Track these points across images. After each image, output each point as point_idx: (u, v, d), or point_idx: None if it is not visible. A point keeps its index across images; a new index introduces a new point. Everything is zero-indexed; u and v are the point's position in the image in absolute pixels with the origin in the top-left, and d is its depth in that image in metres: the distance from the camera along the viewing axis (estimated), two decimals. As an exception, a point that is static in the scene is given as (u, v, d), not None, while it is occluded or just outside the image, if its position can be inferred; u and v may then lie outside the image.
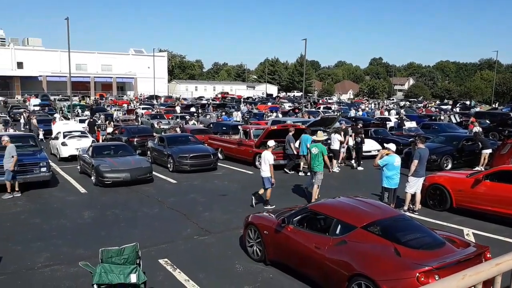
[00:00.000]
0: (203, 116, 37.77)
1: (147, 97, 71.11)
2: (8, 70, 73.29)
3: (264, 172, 11.39)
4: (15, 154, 12.42)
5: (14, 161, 12.33)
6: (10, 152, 12.38)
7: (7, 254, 8.13)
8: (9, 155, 12.34)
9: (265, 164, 11.29)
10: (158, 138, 18.93)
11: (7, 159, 12.31)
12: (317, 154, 11.78)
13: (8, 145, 12.50)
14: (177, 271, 7.31)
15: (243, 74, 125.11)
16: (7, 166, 12.28)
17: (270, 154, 11.39)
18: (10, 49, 77.21)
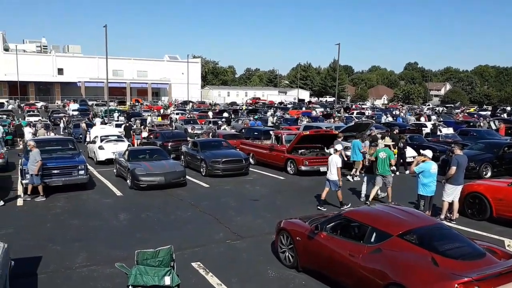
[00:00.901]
0: (235, 121, 38.03)
1: (181, 102, 72.36)
2: (49, 76, 76.48)
3: (332, 175, 11.76)
4: (40, 158, 12.85)
5: (38, 165, 12.72)
6: (35, 156, 12.82)
7: (48, 253, 8.43)
8: (34, 159, 12.78)
9: (333, 167, 11.67)
10: (192, 142, 19.21)
11: (32, 163, 12.74)
12: (385, 159, 12.17)
13: (34, 150, 12.96)
14: (209, 275, 7.37)
15: (275, 79, 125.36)
16: (32, 170, 12.70)
17: (338, 158, 11.81)
18: (51, 56, 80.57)
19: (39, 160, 12.80)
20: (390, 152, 12.55)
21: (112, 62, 65.09)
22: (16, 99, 66.12)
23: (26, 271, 7.50)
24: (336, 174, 11.62)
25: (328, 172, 11.95)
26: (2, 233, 9.64)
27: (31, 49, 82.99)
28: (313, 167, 16.54)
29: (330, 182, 11.84)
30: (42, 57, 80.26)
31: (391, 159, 12.38)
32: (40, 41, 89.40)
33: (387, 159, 12.21)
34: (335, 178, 11.67)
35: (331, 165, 11.78)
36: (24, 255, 8.19)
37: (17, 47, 74.84)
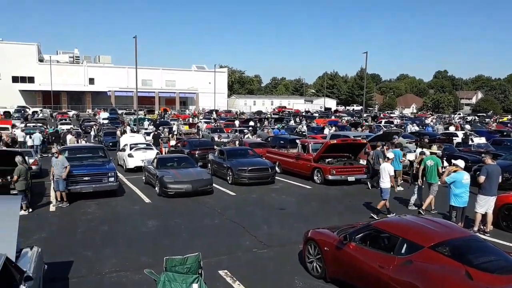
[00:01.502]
0: (261, 130, 38.10)
1: (208, 111, 73.12)
2: (81, 86, 78.82)
3: (384, 183, 11.90)
4: (68, 164, 13.22)
5: (66, 171, 13.06)
6: (63, 162, 13.18)
7: (79, 258, 8.62)
8: (62, 166, 13.12)
9: (385, 175, 11.84)
10: (218, 151, 19.35)
11: (60, 169, 13.07)
12: (433, 166, 12.40)
13: (60, 157, 13.32)
14: (236, 283, 7.36)
15: (301, 88, 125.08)
16: (59, 175, 13.00)
17: (390, 166, 12.05)
18: (83, 67, 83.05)
19: (67, 166, 13.13)
20: (437, 160, 12.66)
21: (141, 72, 66.48)
22: (49, 108, 68.36)
23: (58, 275, 7.67)
24: (388, 182, 11.82)
25: (380, 179, 12.12)
26: (35, 238, 9.93)
27: (64, 60, 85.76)
28: (341, 177, 16.35)
29: (382, 190, 12.01)
30: (74, 67, 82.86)
31: (438, 167, 12.45)
32: (73, 52, 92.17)
33: (434, 167, 12.38)
34: (387, 186, 11.85)
35: (383, 173, 11.97)
36: (57, 259, 8.39)
37: (51, 58, 77.53)
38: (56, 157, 13.33)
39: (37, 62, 77.49)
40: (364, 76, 64.03)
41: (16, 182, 12.14)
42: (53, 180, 13.20)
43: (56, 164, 13.14)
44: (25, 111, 59.60)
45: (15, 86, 73.83)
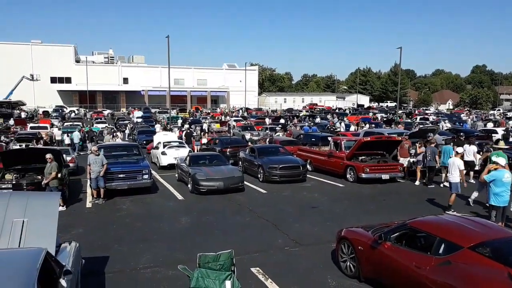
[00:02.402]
0: (289, 127, 37.91)
1: (239, 109, 73.50)
2: (115, 86, 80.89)
3: (453, 178, 12.07)
4: (106, 162, 13.56)
5: (104, 168, 13.40)
6: (102, 160, 13.52)
7: (114, 254, 8.83)
8: (101, 163, 13.45)
9: (455, 170, 11.98)
10: (249, 148, 19.38)
11: (99, 167, 13.40)
12: None
13: (99, 155, 13.65)
14: (269, 281, 7.33)
15: (332, 84, 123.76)
16: (96, 173, 13.34)
17: (460, 160, 12.18)
18: (117, 67, 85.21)
19: (105, 163, 13.48)
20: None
21: (173, 71, 67.60)
22: (85, 107, 70.54)
23: (94, 269, 7.89)
24: (457, 176, 11.94)
25: (449, 174, 12.26)
26: (73, 233, 10.24)
27: (99, 60, 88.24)
28: (375, 175, 16.04)
29: (451, 184, 12.14)
30: (109, 68, 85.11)
31: None
32: (108, 52, 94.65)
33: None
34: (457, 180, 11.98)
35: (452, 167, 12.06)
36: (93, 254, 8.63)
37: (87, 59, 79.97)
38: (96, 155, 13.69)
39: (74, 63, 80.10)
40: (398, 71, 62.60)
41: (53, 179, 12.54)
42: (90, 177, 13.57)
43: (95, 162, 13.49)
44: (63, 111, 61.73)
45: (53, 86, 76.68)
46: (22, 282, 4.03)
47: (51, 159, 12.67)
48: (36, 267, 4.33)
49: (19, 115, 53.75)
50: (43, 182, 12.53)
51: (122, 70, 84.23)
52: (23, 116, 52.89)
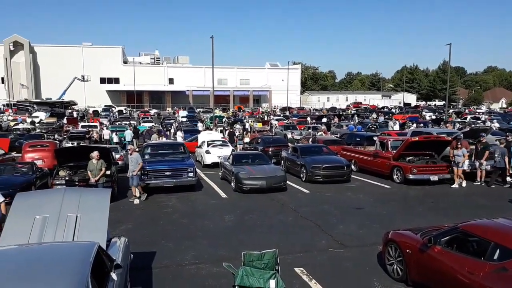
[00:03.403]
0: (336, 126, 37.43)
1: (280, 108, 73.41)
2: (161, 86, 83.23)
3: None
4: (141, 161, 13.82)
5: (139, 167, 13.65)
6: (137, 159, 13.80)
7: (161, 249, 9.06)
8: (136, 162, 13.74)
9: None
10: (292, 148, 19.30)
11: (134, 165, 13.70)
12: None
13: (134, 154, 13.97)
14: (313, 282, 7.26)
15: (378, 83, 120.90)
16: (131, 171, 13.65)
17: None
18: (163, 67, 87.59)
19: (141, 163, 13.77)
20: None
21: (217, 71, 68.56)
22: (133, 107, 72.97)
23: (142, 264, 8.12)
24: None
25: None
26: (122, 228, 10.61)
27: (146, 61, 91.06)
28: (423, 176, 15.50)
29: None
30: (155, 68, 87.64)
31: None
32: (154, 53, 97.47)
33: None
34: None
35: None
36: (141, 249, 8.88)
37: (134, 60, 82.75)
38: (130, 154, 14.06)
39: (122, 64, 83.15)
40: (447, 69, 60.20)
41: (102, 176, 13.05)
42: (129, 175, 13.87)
43: (131, 161, 13.85)
44: (112, 110, 64.16)
45: (102, 86, 80.00)
46: (77, 274, 4.20)
47: (98, 157, 13.18)
48: (89, 260, 4.50)
49: (71, 114, 56.38)
50: (93, 180, 12.99)
51: (167, 71, 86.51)
52: (75, 115, 55.45)
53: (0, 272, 4.28)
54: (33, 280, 4.08)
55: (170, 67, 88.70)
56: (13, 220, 6.24)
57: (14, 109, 59.49)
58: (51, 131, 34.34)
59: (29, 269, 4.34)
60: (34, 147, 20.17)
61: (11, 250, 5.22)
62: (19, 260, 4.72)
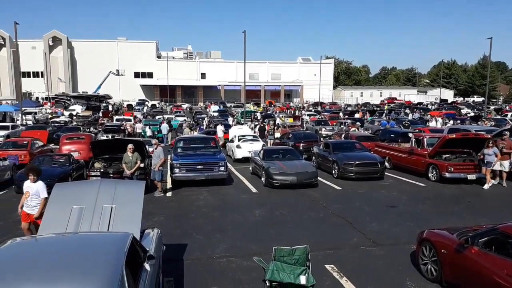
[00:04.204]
0: (369, 122, 36.81)
1: (312, 103, 72.86)
2: (194, 81, 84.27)
3: None
4: (163, 156, 13.88)
5: (161, 162, 13.70)
6: (159, 154, 13.88)
7: (192, 242, 9.19)
8: (158, 157, 13.82)
9: None
10: (324, 143, 19.11)
11: (156, 159, 13.76)
12: None
13: (158, 148, 14.08)
14: (343, 279, 7.17)
15: (413, 78, 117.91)
16: (153, 165, 13.75)
17: None
18: (196, 62, 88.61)
19: (162, 158, 13.89)
20: None
21: (248, 66, 68.73)
22: (165, 101, 74.24)
23: (174, 256, 8.25)
24: None
25: None
26: (155, 220, 10.82)
27: (178, 56, 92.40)
28: (460, 175, 15.01)
29: None
30: (188, 63, 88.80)
31: None
32: (187, 48, 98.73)
33: None
34: None
35: None
36: (173, 241, 9.03)
37: (168, 55, 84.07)
38: (155, 149, 14.19)
39: (156, 58, 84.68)
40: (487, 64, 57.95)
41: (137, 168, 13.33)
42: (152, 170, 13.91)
43: (154, 155, 13.94)
44: (146, 104, 65.48)
45: (136, 81, 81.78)
46: (112, 264, 4.30)
47: (132, 149, 13.44)
48: (124, 251, 4.60)
49: (106, 108, 57.93)
50: (128, 172, 13.26)
51: (200, 66, 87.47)
52: (110, 109, 56.94)
53: (39, 259, 4.44)
54: (70, 268, 4.20)
55: (203, 62, 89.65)
56: (52, 210, 6.47)
57: (52, 102, 61.76)
58: (86, 124, 35.46)
59: (66, 258, 4.49)
60: (71, 139, 20.89)
61: (49, 238, 5.42)
62: (57, 249, 4.89)
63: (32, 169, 8.81)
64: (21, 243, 5.13)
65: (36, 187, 8.51)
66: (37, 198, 8.51)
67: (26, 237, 6.91)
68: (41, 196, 8.47)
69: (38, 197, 8.50)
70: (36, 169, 8.88)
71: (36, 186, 8.52)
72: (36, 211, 8.48)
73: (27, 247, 5.05)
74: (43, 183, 8.66)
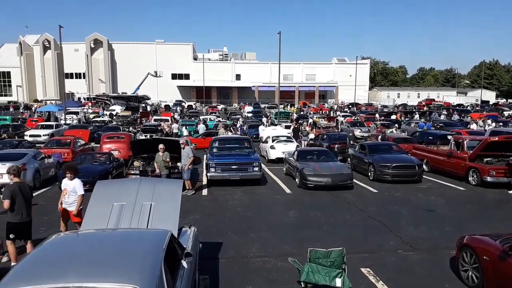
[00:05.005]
0: (406, 124, 35.96)
1: (347, 104, 71.90)
2: (229, 82, 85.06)
3: None
4: (192, 155, 14.02)
5: (190, 161, 13.86)
6: (188, 153, 14.04)
7: (227, 241, 9.29)
8: (187, 156, 13.98)
9: None
10: (359, 145, 18.84)
11: (186, 159, 13.93)
12: None
13: (186, 148, 14.21)
14: (380, 283, 7.05)
15: (453, 79, 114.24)
16: (182, 165, 13.91)
17: None
18: (231, 63, 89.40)
19: (191, 157, 14.06)
20: None
21: (283, 67, 68.68)
22: (201, 102, 75.30)
23: (210, 254, 8.38)
24: None
25: None
26: (190, 218, 11.01)
27: (214, 58, 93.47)
28: (502, 179, 14.43)
29: None
30: (223, 65, 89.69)
31: None
32: (222, 50, 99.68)
33: None
34: None
35: None
36: (208, 239, 9.16)
37: (204, 56, 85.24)
38: (183, 148, 14.35)
39: (192, 60, 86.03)
40: (533, 64, 55.23)
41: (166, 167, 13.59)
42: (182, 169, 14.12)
43: (183, 154, 14.15)
44: (182, 105, 66.64)
45: (173, 82, 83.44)
46: (151, 260, 4.41)
47: (163, 149, 13.71)
48: (162, 247, 4.72)
49: (144, 108, 59.39)
50: (158, 170, 13.48)
51: (235, 67, 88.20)
52: (148, 109, 58.32)
53: (81, 254, 4.61)
54: (110, 263, 4.32)
55: (238, 63, 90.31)
56: (94, 206, 6.71)
57: (93, 102, 63.95)
58: (126, 124, 36.50)
59: (107, 253, 4.63)
60: (111, 138, 21.56)
61: (91, 234, 5.63)
62: (98, 244, 5.06)
63: (69, 167, 9.12)
64: (65, 238, 5.35)
65: (73, 185, 8.80)
66: (74, 195, 8.79)
67: (69, 232, 7.20)
68: (78, 193, 8.76)
69: (75, 194, 8.79)
70: (73, 167, 9.18)
71: (73, 183, 8.82)
72: (74, 207, 8.78)
73: (71, 242, 5.25)
74: (80, 180, 8.95)
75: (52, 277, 3.98)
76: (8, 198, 7.67)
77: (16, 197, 7.76)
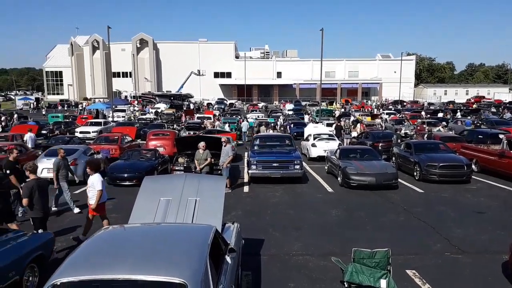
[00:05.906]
0: (454, 122, 34.58)
1: (391, 102, 70.07)
2: (270, 80, 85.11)
3: None
4: (231, 154, 14.00)
5: (229, 159, 13.87)
6: (227, 152, 14.04)
7: (269, 238, 9.33)
8: (227, 154, 13.98)
9: None
10: (405, 144, 18.33)
11: (225, 157, 13.95)
12: None
13: (226, 146, 14.22)
14: (426, 286, 6.86)
15: (505, 75, 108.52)
16: (221, 163, 13.93)
17: None
18: (272, 61, 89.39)
19: (231, 155, 14.08)
20: None
21: (324, 64, 67.76)
22: (242, 100, 75.83)
23: (251, 251, 8.45)
24: None
25: None
26: (233, 214, 11.14)
27: (256, 56, 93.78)
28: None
29: None
30: (264, 63, 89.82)
31: None
32: (264, 48, 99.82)
33: None
34: None
35: None
36: (250, 236, 9.22)
37: (245, 55, 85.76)
38: (224, 146, 14.38)
39: (234, 59, 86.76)
40: None
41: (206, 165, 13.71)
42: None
43: (222, 152, 14.21)
44: (224, 103, 67.42)
45: (216, 80, 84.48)
46: (197, 254, 4.52)
47: (204, 147, 13.89)
48: (207, 243, 4.82)
49: (188, 106, 60.54)
50: (198, 168, 13.63)
51: (276, 65, 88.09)
52: (192, 107, 59.40)
53: (129, 247, 4.78)
54: (157, 257, 4.42)
55: (279, 61, 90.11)
56: (141, 201, 6.93)
57: (139, 101, 65.97)
58: (170, 121, 37.40)
59: (154, 247, 4.75)
60: (157, 135, 22.19)
61: (138, 228, 5.82)
62: (146, 238, 5.21)
63: (89, 163, 9.43)
64: (114, 232, 5.53)
65: (92, 180, 9.06)
66: (93, 190, 9.03)
67: (117, 226, 7.47)
68: (96, 189, 8.97)
69: (94, 189, 9.02)
70: (92, 163, 9.43)
71: (92, 178, 9.08)
72: (93, 201, 9.00)
73: (120, 236, 5.43)
74: (100, 176, 9.15)
75: (102, 269, 4.14)
76: (26, 197, 8.02)
77: (35, 193, 8.08)
